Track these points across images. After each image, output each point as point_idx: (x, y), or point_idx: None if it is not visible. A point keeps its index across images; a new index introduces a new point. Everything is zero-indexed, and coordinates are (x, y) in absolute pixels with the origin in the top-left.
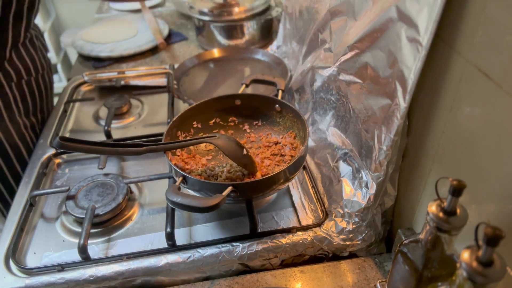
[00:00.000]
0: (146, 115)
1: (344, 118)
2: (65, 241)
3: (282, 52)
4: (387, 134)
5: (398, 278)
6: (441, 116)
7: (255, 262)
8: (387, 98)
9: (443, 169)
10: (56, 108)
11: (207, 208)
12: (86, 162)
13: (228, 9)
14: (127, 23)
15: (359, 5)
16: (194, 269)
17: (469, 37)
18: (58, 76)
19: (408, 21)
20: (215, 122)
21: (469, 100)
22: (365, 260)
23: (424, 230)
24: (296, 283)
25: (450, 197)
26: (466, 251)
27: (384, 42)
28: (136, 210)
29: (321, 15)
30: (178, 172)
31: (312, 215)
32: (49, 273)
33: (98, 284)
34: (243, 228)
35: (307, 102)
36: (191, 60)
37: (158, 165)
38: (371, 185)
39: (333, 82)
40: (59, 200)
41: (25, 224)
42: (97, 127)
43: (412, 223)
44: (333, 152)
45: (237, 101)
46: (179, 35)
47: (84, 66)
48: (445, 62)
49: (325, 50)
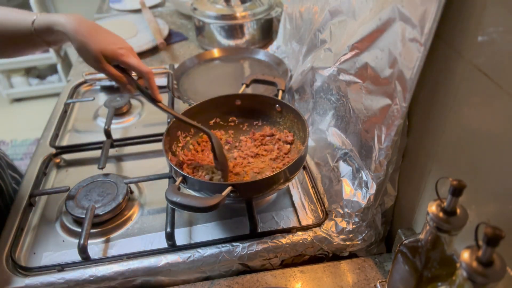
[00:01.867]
0: (146, 115)
1: (344, 118)
2: (65, 241)
3: (282, 52)
4: (387, 134)
5: (398, 278)
6: (441, 116)
7: (255, 262)
8: (387, 98)
9: (443, 169)
10: (56, 108)
11: (206, 208)
12: (86, 162)
13: (229, 11)
14: (127, 23)
15: (359, 5)
16: (194, 269)
17: (469, 37)
18: (58, 76)
19: (408, 21)
20: (215, 122)
21: (469, 100)
22: (365, 260)
23: (424, 230)
24: (296, 283)
25: (450, 197)
26: (466, 251)
27: (384, 42)
28: (136, 210)
29: (321, 15)
30: (178, 172)
31: (312, 215)
32: (49, 273)
33: (98, 284)
34: (243, 228)
35: (307, 102)
36: (191, 60)
37: (158, 165)
38: (371, 185)
39: (333, 82)
40: (59, 200)
41: (25, 224)
42: (97, 127)
43: (412, 223)
44: (333, 152)
45: (237, 101)
46: (179, 35)
47: (84, 66)
48: (445, 62)
49: (325, 50)
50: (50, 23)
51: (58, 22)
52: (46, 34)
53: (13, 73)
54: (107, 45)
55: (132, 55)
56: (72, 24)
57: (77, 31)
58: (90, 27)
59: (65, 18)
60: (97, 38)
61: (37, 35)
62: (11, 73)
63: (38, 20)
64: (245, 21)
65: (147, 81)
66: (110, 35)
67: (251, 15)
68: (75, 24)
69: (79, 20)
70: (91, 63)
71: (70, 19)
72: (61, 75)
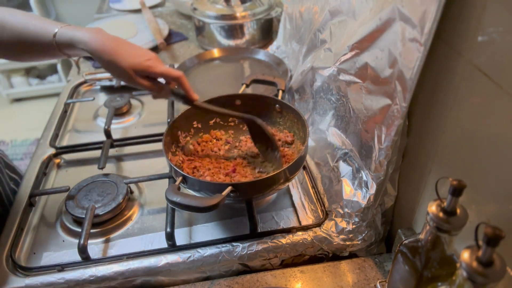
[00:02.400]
0: (146, 115)
1: (344, 118)
2: (65, 241)
3: (282, 52)
4: (387, 134)
5: (398, 278)
6: (441, 116)
7: (255, 262)
8: (387, 98)
9: (443, 169)
10: (56, 108)
11: (206, 208)
12: (86, 162)
13: (229, 11)
14: (127, 23)
15: (359, 5)
16: (194, 269)
17: (469, 37)
18: (58, 76)
19: (408, 21)
20: (215, 122)
21: (469, 100)
22: (365, 260)
23: (424, 230)
24: (296, 283)
25: (450, 197)
26: (466, 251)
27: (384, 42)
28: (136, 210)
29: (321, 15)
30: (178, 172)
31: (312, 215)
32: (49, 273)
33: (98, 284)
34: (243, 228)
35: (307, 102)
36: (191, 60)
37: (158, 165)
38: (371, 185)
39: (333, 82)
40: (59, 200)
41: (25, 224)
42: (97, 127)
43: (412, 223)
44: (333, 152)
45: (237, 101)
46: (179, 35)
47: (84, 66)
48: (445, 62)
49: (325, 50)
50: (73, 41)
51: (81, 40)
52: (68, 49)
53: (13, 73)
54: (135, 59)
55: (159, 64)
56: (96, 43)
57: (103, 51)
58: (114, 44)
59: (88, 36)
60: (124, 55)
61: (58, 48)
62: (11, 73)
63: (60, 34)
64: (245, 21)
65: (181, 85)
66: (135, 48)
67: (251, 15)
68: (99, 42)
69: (102, 37)
70: (123, 79)
71: (93, 37)
72: (61, 75)
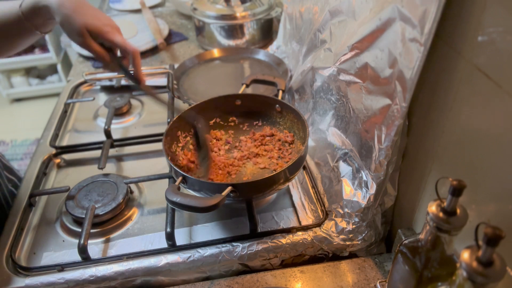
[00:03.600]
0: (146, 115)
1: (344, 118)
2: (65, 241)
3: (282, 52)
4: (387, 134)
5: (398, 278)
6: (441, 116)
7: (255, 262)
8: (387, 98)
9: (443, 169)
10: (56, 108)
11: (206, 208)
12: (86, 162)
13: (229, 11)
14: (127, 23)
15: (359, 5)
16: (194, 269)
17: (469, 37)
18: (58, 76)
19: (408, 21)
20: (215, 122)
21: (469, 100)
22: (365, 260)
23: (424, 230)
24: (296, 283)
25: (450, 197)
26: (466, 251)
27: (384, 42)
28: (136, 210)
29: (321, 15)
30: (178, 172)
31: (312, 215)
32: (49, 273)
33: (98, 284)
34: (243, 228)
35: (307, 102)
36: (191, 60)
37: (158, 165)
38: (371, 185)
39: (333, 82)
40: (59, 200)
41: (25, 224)
42: (97, 127)
43: (412, 223)
44: (333, 152)
45: (237, 101)
46: (179, 35)
47: (84, 66)
48: (445, 62)
49: (325, 50)
50: (36, 1)
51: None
52: (34, 15)
53: (13, 73)
54: (93, 20)
55: (117, 33)
56: None
57: (61, 4)
58: (75, 1)
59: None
60: (82, 12)
61: (25, 19)
62: (11, 73)
63: (25, 3)
64: (245, 21)
65: (133, 60)
66: (96, 11)
67: (251, 15)
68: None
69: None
70: (74, 38)
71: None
72: (61, 75)
